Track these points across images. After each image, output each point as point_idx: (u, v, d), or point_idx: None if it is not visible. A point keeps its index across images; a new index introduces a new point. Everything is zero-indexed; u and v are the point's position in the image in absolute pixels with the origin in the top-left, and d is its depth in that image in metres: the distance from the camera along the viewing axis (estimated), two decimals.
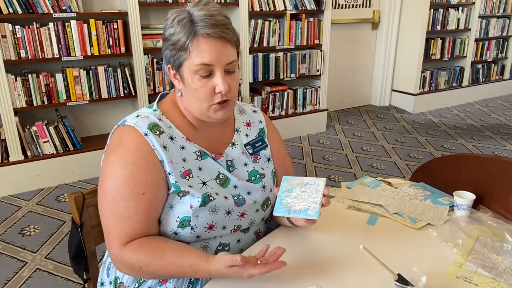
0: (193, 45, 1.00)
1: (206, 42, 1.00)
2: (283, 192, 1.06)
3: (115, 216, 1.01)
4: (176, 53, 1.03)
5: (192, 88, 1.04)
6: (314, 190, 1.03)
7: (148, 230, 1.04)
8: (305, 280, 1.00)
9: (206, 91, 1.03)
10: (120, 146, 1.04)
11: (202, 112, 1.07)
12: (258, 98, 3.93)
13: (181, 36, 1.00)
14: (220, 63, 1.01)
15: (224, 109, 1.07)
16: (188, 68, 1.02)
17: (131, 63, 3.26)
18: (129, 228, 1.01)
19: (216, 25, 1.00)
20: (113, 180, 1.01)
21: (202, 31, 0.99)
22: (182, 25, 1.01)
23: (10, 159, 2.94)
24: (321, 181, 1.05)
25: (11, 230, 2.53)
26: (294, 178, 1.08)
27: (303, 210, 1.00)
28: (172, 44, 1.03)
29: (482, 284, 1.00)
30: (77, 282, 2.08)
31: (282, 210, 1.02)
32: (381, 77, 5.29)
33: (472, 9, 5.29)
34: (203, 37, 0.99)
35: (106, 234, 1.03)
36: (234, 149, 1.18)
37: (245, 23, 3.62)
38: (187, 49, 1.00)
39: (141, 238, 1.02)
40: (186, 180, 1.06)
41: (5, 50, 2.79)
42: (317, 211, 0.99)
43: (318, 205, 1.00)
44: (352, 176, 3.35)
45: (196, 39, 1.00)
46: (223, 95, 1.04)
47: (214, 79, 1.02)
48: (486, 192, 1.34)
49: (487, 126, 4.65)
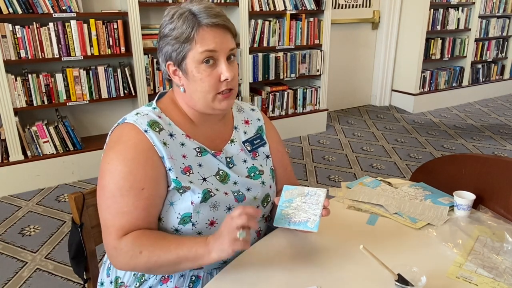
0: (198, 35, 1.03)
1: (209, 31, 1.03)
2: (283, 202, 1.06)
3: (114, 212, 1.01)
4: (180, 46, 1.04)
5: (197, 79, 1.05)
6: (314, 201, 1.04)
7: (145, 227, 1.03)
8: (305, 280, 1.00)
9: (211, 80, 1.05)
10: (119, 143, 1.04)
11: (207, 103, 1.08)
12: (258, 98, 3.93)
13: (185, 28, 1.03)
14: (223, 50, 1.05)
15: (228, 98, 1.09)
16: (192, 59, 1.04)
17: (131, 63, 3.26)
18: (127, 224, 1.01)
19: (218, 15, 1.05)
20: (112, 176, 1.01)
21: (206, 21, 1.03)
22: (184, 17, 1.03)
23: (10, 159, 2.94)
24: (322, 192, 1.05)
25: (11, 230, 2.53)
26: (295, 188, 1.08)
27: (303, 222, 1.01)
28: (175, 38, 1.04)
29: (482, 284, 1.00)
30: (77, 282, 2.08)
31: (282, 222, 1.03)
32: (381, 77, 5.29)
33: (472, 9, 5.29)
34: (207, 26, 1.03)
35: (104, 229, 1.03)
36: (233, 146, 1.19)
37: (245, 23, 3.62)
38: (193, 40, 1.03)
39: (138, 230, 1.02)
40: (186, 176, 1.07)
41: (5, 50, 2.79)
42: (316, 224, 1.00)
43: (318, 217, 1.00)
44: (352, 176, 3.35)
45: (201, 29, 1.03)
46: (228, 83, 1.06)
47: (219, 67, 1.05)
48: (486, 192, 1.34)
49: (487, 126, 4.65)
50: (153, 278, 1.10)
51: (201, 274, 1.11)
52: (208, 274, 1.12)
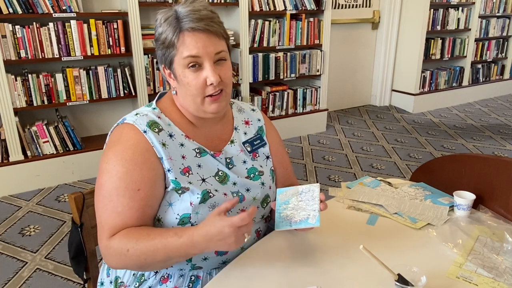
0: (179, 41, 1.02)
1: (191, 36, 1.02)
2: (280, 205, 1.06)
3: (109, 211, 1.01)
4: (166, 50, 1.05)
5: (184, 82, 1.05)
6: (310, 197, 1.04)
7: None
8: (305, 280, 1.00)
9: (197, 84, 1.04)
10: (118, 143, 1.05)
11: (197, 107, 1.08)
12: (258, 98, 3.93)
13: (168, 33, 1.03)
14: (208, 54, 1.03)
15: (218, 101, 1.08)
16: (178, 63, 1.05)
17: (131, 63, 3.26)
18: (120, 223, 1.00)
19: (200, 19, 1.02)
20: (110, 176, 1.02)
21: (187, 26, 1.02)
22: (168, 22, 1.04)
23: (10, 159, 2.94)
24: (315, 187, 1.05)
25: (11, 230, 2.53)
26: (289, 189, 1.08)
27: (304, 220, 1.01)
28: (162, 43, 1.05)
29: (482, 284, 1.00)
30: (77, 282, 2.08)
31: (283, 224, 1.03)
32: (381, 77, 5.29)
33: (472, 9, 5.29)
34: (188, 32, 1.02)
35: (99, 228, 1.03)
36: (233, 147, 1.19)
37: (245, 23, 3.62)
38: (175, 45, 1.03)
39: (126, 228, 1.01)
40: (185, 177, 1.07)
41: (5, 50, 2.79)
42: (317, 219, 1.00)
43: (318, 212, 1.00)
44: (352, 176, 3.35)
45: (182, 35, 1.02)
46: (215, 87, 1.05)
47: (204, 71, 1.04)
48: (486, 192, 1.34)
49: (487, 126, 4.65)
50: (153, 278, 1.10)
51: (201, 274, 1.11)
52: (207, 274, 1.12)
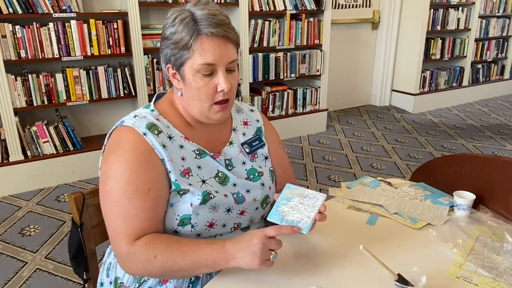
0: (196, 44, 1.00)
1: (209, 41, 1.00)
2: (282, 199, 1.06)
3: (123, 216, 0.99)
4: (178, 52, 1.02)
5: (193, 87, 1.04)
6: (311, 204, 1.03)
7: (156, 228, 1.03)
8: (305, 280, 1.00)
9: (208, 90, 1.04)
10: (119, 147, 1.03)
11: (203, 112, 1.08)
12: (258, 98, 3.93)
13: (184, 35, 1.00)
14: (223, 62, 1.02)
15: (224, 110, 1.08)
16: (190, 67, 1.02)
17: (131, 63, 3.26)
18: (138, 226, 0.99)
19: (219, 24, 1.01)
20: (116, 181, 1.00)
21: (206, 30, 1.00)
22: (185, 23, 1.01)
23: (10, 159, 2.94)
24: (321, 197, 1.05)
25: (11, 230, 2.53)
26: (297, 188, 1.08)
27: (295, 222, 1.00)
28: (174, 43, 1.02)
29: (482, 284, 1.00)
30: (77, 282, 2.08)
31: (275, 217, 1.03)
32: (381, 77, 5.29)
33: (472, 9, 5.29)
34: (207, 36, 1.00)
35: (114, 235, 1.01)
36: (232, 148, 1.19)
37: (245, 23, 3.62)
38: (191, 48, 1.00)
39: (150, 234, 1.01)
40: (185, 179, 1.06)
41: (5, 50, 2.79)
42: (307, 226, 0.99)
43: (311, 220, 1.00)
44: (352, 176, 3.35)
45: (200, 38, 1.00)
46: (225, 94, 1.05)
47: (216, 78, 1.03)
48: (486, 192, 1.34)
49: (487, 126, 4.65)
50: (153, 278, 1.10)
51: (200, 275, 1.11)
52: (207, 274, 1.12)
